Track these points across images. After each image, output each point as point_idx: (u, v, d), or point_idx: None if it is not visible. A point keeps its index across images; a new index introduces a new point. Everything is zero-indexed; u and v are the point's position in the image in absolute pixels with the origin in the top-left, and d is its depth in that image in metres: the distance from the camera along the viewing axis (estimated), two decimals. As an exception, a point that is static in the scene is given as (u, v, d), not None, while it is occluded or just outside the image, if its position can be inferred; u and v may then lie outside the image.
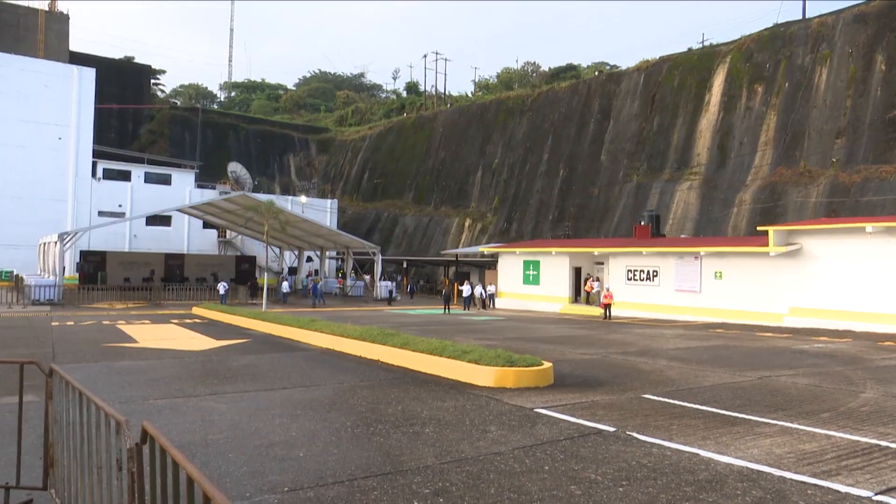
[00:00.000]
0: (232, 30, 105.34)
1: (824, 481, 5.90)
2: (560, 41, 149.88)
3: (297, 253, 49.97)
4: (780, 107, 38.48)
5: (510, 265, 37.55)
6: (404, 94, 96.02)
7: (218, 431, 7.53)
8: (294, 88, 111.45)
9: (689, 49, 47.59)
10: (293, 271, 50.55)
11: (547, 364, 11.34)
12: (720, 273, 27.61)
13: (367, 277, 47.08)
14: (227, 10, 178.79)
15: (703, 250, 28.29)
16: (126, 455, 3.21)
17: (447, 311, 32.67)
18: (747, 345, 18.16)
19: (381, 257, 44.75)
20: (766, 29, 41.85)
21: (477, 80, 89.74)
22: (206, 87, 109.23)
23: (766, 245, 25.31)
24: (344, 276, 48.55)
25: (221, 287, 34.90)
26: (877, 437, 7.53)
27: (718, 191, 39.59)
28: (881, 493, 5.62)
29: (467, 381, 11.01)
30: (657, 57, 48.12)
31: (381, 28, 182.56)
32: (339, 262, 55.81)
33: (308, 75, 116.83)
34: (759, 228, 28.15)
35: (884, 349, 17.16)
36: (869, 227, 22.90)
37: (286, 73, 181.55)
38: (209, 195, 51.55)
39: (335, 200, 62.94)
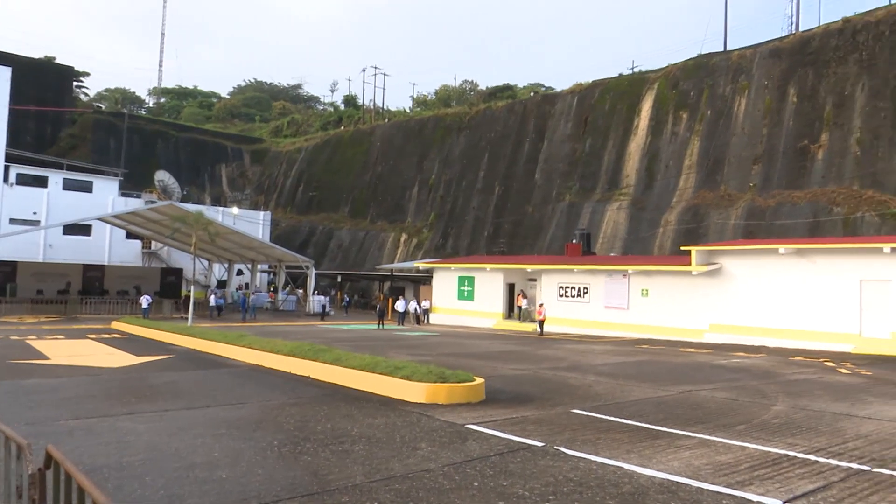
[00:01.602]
0: (163, 34, 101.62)
1: (738, 491, 6.16)
2: (497, 61, 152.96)
3: (226, 266, 48.54)
4: (702, 133, 40.47)
5: (445, 281, 37.70)
6: (342, 106, 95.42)
7: (134, 453, 7.17)
8: (228, 97, 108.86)
9: (620, 74, 49.50)
10: (222, 284, 49.03)
11: (479, 380, 11.40)
12: (646, 291, 28.61)
13: (300, 292, 46.21)
14: (159, 14, 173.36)
15: (630, 268, 29.27)
16: (27, 481, 3.00)
17: (381, 326, 32.43)
18: (671, 360, 18.84)
19: (314, 271, 44.08)
20: (690, 59, 44.05)
21: (415, 96, 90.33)
22: (134, 92, 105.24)
23: (689, 264, 26.45)
24: (276, 290, 47.48)
25: (144, 300, 33.45)
26: (786, 448, 7.94)
27: (646, 211, 41.14)
28: (789, 500, 5.91)
29: (399, 397, 10.93)
30: (590, 81, 49.80)
31: (320, 40, 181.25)
32: (272, 276, 54.56)
33: (243, 84, 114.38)
34: (682, 248, 29.39)
35: (794, 363, 18.16)
36: (781, 248, 24.31)
37: (220, 80, 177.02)
38: (134, 204, 49.44)
39: (268, 212, 61.60)
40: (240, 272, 50.67)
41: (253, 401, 10.71)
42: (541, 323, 29.65)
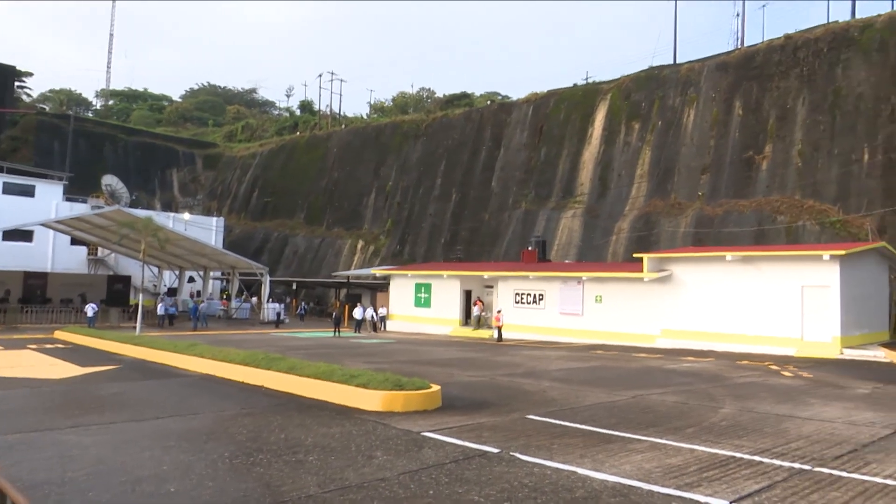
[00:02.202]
0: (112, 35, 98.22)
1: (687, 493, 6.32)
2: (455, 69, 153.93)
3: (177, 273, 47.31)
4: (654, 143, 41.54)
5: (402, 288, 37.60)
6: (298, 112, 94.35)
7: (78, 468, 6.91)
8: (180, 100, 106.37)
9: (575, 85, 50.41)
10: (172, 292, 47.73)
11: (435, 387, 11.40)
12: (600, 297, 29.13)
13: (254, 299, 45.36)
14: (107, 14, 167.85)
15: (585, 275, 29.76)
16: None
17: (337, 333, 32.12)
18: (624, 365, 19.21)
19: (269, 278, 43.37)
20: (642, 71, 45.19)
21: (372, 103, 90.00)
22: (81, 94, 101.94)
23: (641, 271, 27.06)
24: (229, 298, 46.48)
25: (89, 309, 32.29)
26: (733, 450, 8.18)
27: (599, 219, 41.94)
28: (735, 501, 6.09)
29: (355, 405, 10.84)
30: (545, 90, 50.56)
31: (277, 44, 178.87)
32: (224, 283, 53.41)
33: (196, 87, 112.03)
34: (634, 255, 30.04)
35: (741, 367, 18.75)
36: (728, 255, 25.12)
37: (172, 83, 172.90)
38: (79, 209, 47.76)
39: (221, 218, 60.35)
40: (191, 279, 49.44)
41: (204, 411, 10.46)
42: (499, 329, 29.85)
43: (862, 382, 15.50)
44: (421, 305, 36.38)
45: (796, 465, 7.43)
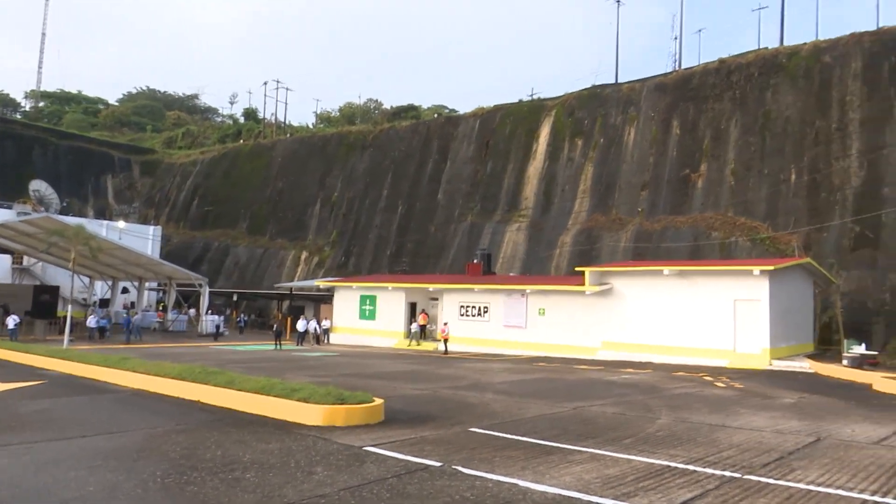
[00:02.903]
0: (44, 34, 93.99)
1: (624, 502, 6.45)
2: (402, 81, 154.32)
3: (110, 283, 45.44)
4: (596, 159, 42.63)
5: (346, 300, 37.19)
6: (242, 119, 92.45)
7: (-6, 490, 6.50)
8: (117, 104, 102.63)
9: (520, 100, 51.28)
10: (105, 303, 45.78)
11: (378, 401, 11.29)
12: (543, 310, 29.55)
13: (193, 311, 43.97)
14: (39, 12, 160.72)
15: (528, 288, 30.16)
16: None
17: (279, 346, 31.46)
18: (566, 377, 19.51)
19: (208, 289, 42.16)
20: (585, 89, 46.39)
21: (319, 112, 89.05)
22: (8, 95, 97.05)
23: (583, 284, 27.63)
24: (165, 310, 44.90)
25: (11, 321, 30.60)
26: (668, 459, 8.41)
27: (544, 233, 42.65)
28: (670, 510, 6.25)
29: (296, 420, 10.61)
30: (492, 105, 51.24)
31: (221, 50, 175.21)
32: (161, 295, 51.57)
33: (134, 91, 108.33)
34: (577, 269, 30.66)
35: (677, 379, 19.34)
36: (666, 270, 25.95)
37: (108, 86, 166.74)
38: (4, 216, 45.33)
39: (159, 227, 58.39)
40: (125, 290, 47.53)
41: (135, 428, 10.03)
42: (444, 342, 29.88)
43: (789, 392, 16.22)
44: (366, 318, 36.05)
45: (727, 474, 7.68)
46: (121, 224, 53.19)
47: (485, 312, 31.54)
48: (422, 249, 48.17)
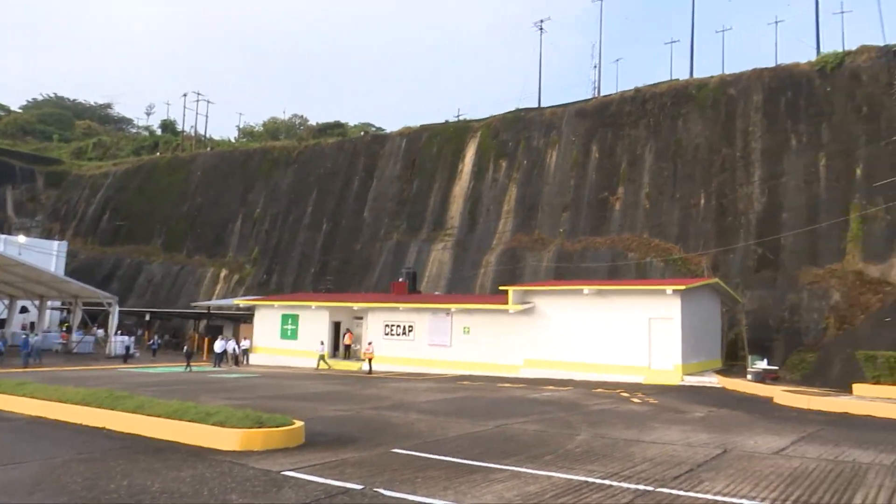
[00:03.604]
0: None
1: (544, 520, 6.53)
2: (328, 98, 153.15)
3: (6, 302, 42.35)
4: (519, 181, 43.65)
5: (268, 319, 36.19)
6: (159, 131, 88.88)
7: None
8: (20, 111, 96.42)
9: (447, 121, 51.96)
10: (0, 324, 42.55)
11: (298, 423, 11.00)
12: (468, 328, 29.78)
13: (101, 332, 41.54)
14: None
15: (453, 307, 30.34)
16: None
17: (189, 368, 30.15)
18: (489, 395, 19.68)
19: (118, 308, 40.01)
20: (510, 112, 47.55)
21: (242, 127, 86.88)
22: None
23: (507, 303, 28.07)
24: (69, 330, 42.18)
25: None
26: (586, 475, 8.61)
27: (468, 252, 43.14)
28: (587, 526, 6.38)
29: (211, 445, 10.17)
30: (418, 125, 51.63)
31: (137, 59, 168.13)
32: (65, 314, 48.44)
33: (40, 98, 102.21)
34: (500, 288, 31.12)
35: (596, 395, 19.89)
36: (585, 289, 26.77)
37: (11, 93, 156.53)
38: None
39: (64, 242, 54.97)
40: (24, 309, 44.37)
41: (31, 459, 9.32)
42: (369, 361, 29.54)
43: (699, 407, 17.01)
44: (287, 337, 35.17)
45: (641, 487, 7.94)
46: (21, 238, 49.68)
47: (410, 331, 31.44)
48: (347, 268, 47.62)
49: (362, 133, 63.60)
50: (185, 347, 32.09)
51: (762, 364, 24.14)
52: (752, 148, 36.07)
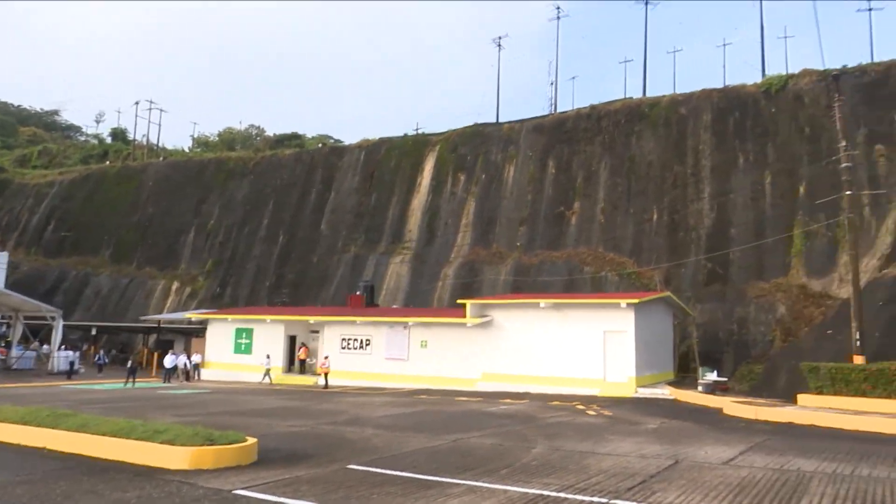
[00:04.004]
0: None
1: (500, 535, 6.52)
2: (286, 109, 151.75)
3: (-58, 316, 40.30)
4: (477, 194, 43.97)
5: (220, 333, 35.37)
6: (109, 140, 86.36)
7: None
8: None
9: (406, 135, 52.02)
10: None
11: (251, 440, 10.75)
12: (425, 342, 29.69)
13: (45, 347, 39.89)
14: None
15: (411, 320, 30.23)
16: None
17: (131, 384, 29.11)
18: (446, 409, 19.62)
19: (62, 322, 38.54)
20: (468, 126, 47.94)
21: (196, 136, 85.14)
22: None
23: (464, 317, 28.14)
24: (8, 346, 40.36)
25: None
26: (541, 488, 8.65)
27: (427, 265, 43.13)
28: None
29: (159, 465, 9.84)
30: (377, 137, 51.55)
31: (87, 65, 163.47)
32: (4, 329, 46.35)
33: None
34: (458, 301, 31.19)
35: (552, 408, 20.05)
36: (542, 303, 27.05)
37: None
38: None
39: (5, 253, 52.68)
40: (-39, 324, 42.31)
41: (-36, 482, 8.84)
42: (325, 376, 29.13)
43: (652, 418, 17.31)
44: (241, 352, 34.43)
45: (595, 499, 8.02)
46: (-41, 249, 47.52)
47: (367, 345, 31.17)
48: (303, 281, 47.00)
49: (320, 145, 63.16)
50: (130, 362, 31.04)
51: (712, 376, 24.75)
52: (702, 165, 37.24)
